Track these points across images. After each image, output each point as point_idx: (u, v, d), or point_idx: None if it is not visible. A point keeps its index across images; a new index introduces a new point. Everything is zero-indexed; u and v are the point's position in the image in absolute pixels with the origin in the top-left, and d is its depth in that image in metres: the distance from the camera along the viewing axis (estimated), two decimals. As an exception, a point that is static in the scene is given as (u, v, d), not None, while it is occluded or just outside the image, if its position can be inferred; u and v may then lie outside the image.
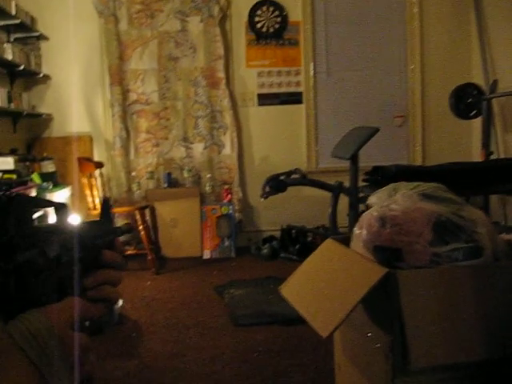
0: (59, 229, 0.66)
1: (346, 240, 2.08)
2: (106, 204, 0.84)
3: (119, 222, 5.14)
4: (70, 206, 0.70)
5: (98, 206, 4.48)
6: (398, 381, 1.72)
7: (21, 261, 0.55)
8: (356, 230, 1.89)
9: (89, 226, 0.73)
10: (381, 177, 3.77)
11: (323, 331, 1.65)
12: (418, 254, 1.72)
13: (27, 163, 4.55)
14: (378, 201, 1.86)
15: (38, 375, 0.53)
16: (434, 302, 1.67)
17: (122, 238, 5.14)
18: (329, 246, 2.11)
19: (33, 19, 5.12)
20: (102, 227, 0.78)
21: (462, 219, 1.76)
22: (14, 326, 0.53)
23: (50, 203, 0.70)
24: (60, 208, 0.70)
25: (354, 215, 3.83)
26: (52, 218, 0.69)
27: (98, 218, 0.82)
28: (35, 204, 0.64)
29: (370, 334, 1.85)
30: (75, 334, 0.59)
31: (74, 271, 0.65)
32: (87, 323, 0.66)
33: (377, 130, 3.74)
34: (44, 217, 4.01)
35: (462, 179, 3.60)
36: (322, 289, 1.86)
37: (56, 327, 0.56)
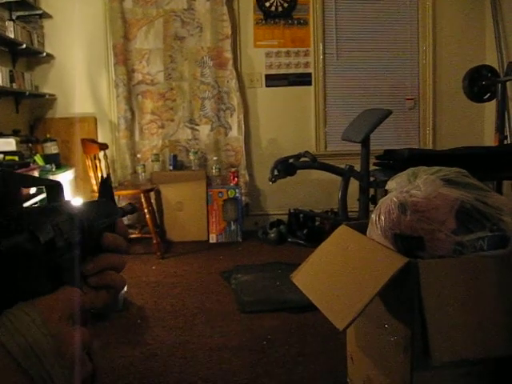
0: (53, 210, 0.56)
1: (360, 226, 1.99)
2: (106, 182, 0.74)
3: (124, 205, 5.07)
4: (63, 185, 0.58)
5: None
6: (417, 375, 1.65)
7: (6, 246, 0.46)
8: (373, 217, 1.80)
9: (88, 206, 0.63)
10: (393, 161, 3.69)
11: (340, 323, 1.57)
12: (440, 242, 1.63)
13: (30, 145, 4.46)
14: (398, 186, 1.76)
15: (27, 380, 0.45)
16: (456, 293, 1.59)
17: (125, 220, 5.08)
18: (343, 232, 2.02)
19: (36, -4, 5.00)
20: (102, 208, 0.68)
21: (486, 206, 1.67)
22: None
23: (42, 181, 0.60)
24: (53, 187, 0.60)
25: (365, 200, 3.74)
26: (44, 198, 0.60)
27: (98, 198, 0.73)
28: (24, 181, 0.54)
29: (386, 326, 1.77)
30: (73, 329, 0.51)
31: (71, 257, 0.56)
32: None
33: (389, 113, 3.64)
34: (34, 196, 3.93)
35: (476, 164, 3.50)
36: (338, 278, 1.78)
37: (49, 322, 0.48)
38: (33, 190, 3.33)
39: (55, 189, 0.60)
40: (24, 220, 0.50)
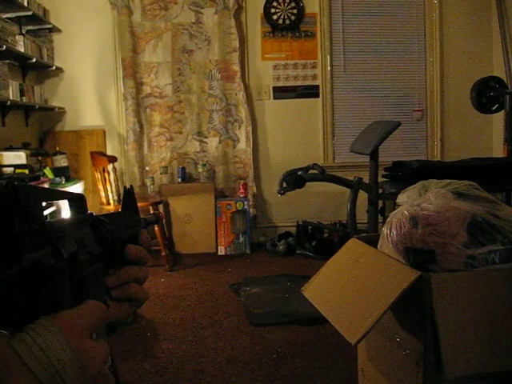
0: (75, 223, 0.56)
1: (371, 239, 1.99)
2: (130, 193, 0.75)
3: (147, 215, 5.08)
4: (85, 198, 0.58)
5: (112, 201, 4.41)
6: (430, 390, 1.63)
7: (28, 262, 0.45)
8: (385, 230, 1.79)
9: (111, 217, 0.63)
10: (401, 173, 3.68)
11: (351, 338, 1.56)
12: (452, 256, 1.62)
13: (39, 158, 4.49)
14: (409, 199, 1.76)
15: None
16: (469, 307, 1.58)
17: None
18: (354, 245, 2.02)
19: (45, 11, 5.05)
20: (125, 219, 0.68)
21: (498, 219, 1.66)
22: (19, 339, 0.44)
23: (64, 194, 0.60)
24: (75, 200, 0.60)
25: (374, 212, 3.73)
26: (66, 212, 0.60)
27: (121, 209, 0.73)
28: (46, 195, 0.53)
29: (398, 340, 1.76)
30: (96, 344, 0.50)
31: (94, 270, 0.56)
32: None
33: (398, 125, 3.64)
34: (57, 212, 3.95)
35: (485, 175, 3.50)
36: (349, 291, 1.77)
37: (70, 337, 0.47)
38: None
39: (78, 201, 0.60)
40: (46, 235, 0.49)
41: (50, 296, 0.48)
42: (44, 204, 0.50)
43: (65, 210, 3.82)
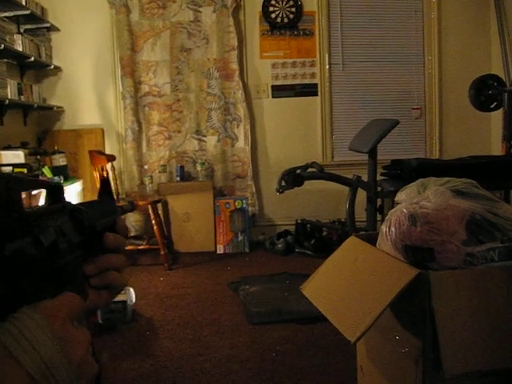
0: (53, 212, 0.57)
1: (370, 237, 1.99)
2: (106, 182, 0.76)
3: (123, 203, 5.08)
4: (63, 187, 0.58)
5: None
6: (429, 387, 1.64)
7: (10, 251, 0.45)
8: (383, 228, 1.80)
9: (88, 206, 0.64)
10: (400, 171, 3.68)
11: (351, 336, 1.56)
12: (450, 254, 1.63)
13: (38, 157, 4.48)
14: (407, 197, 1.76)
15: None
16: (468, 304, 1.58)
17: (132, 232, 5.08)
18: (353, 243, 2.02)
19: (43, 10, 5.04)
20: (102, 207, 0.69)
21: (497, 217, 1.67)
22: (3, 329, 0.44)
23: (43, 183, 0.61)
24: (53, 188, 0.60)
25: (373, 210, 3.74)
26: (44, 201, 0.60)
27: (98, 197, 0.73)
28: (24, 184, 0.54)
29: (397, 337, 1.76)
30: (78, 331, 0.50)
31: (73, 259, 0.56)
32: (100, 320, 0.59)
33: (396, 123, 3.64)
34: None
35: (483, 173, 3.50)
36: (348, 290, 1.77)
37: (53, 325, 0.47)
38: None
39: (55, 190, 0.60)
40: (26, 223, 0.50)
41: (31, 285, 0.48)
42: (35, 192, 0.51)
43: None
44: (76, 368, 0.48)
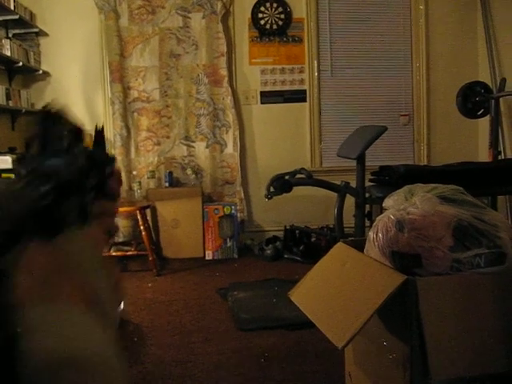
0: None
1: (358, 244, 1.99)
2: (101, 132, 0.79)
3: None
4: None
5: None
6: (416, 393, 1.64)
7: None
8: (371, 234, 1.80)
9: (92, 152, 0.69)
10: (388, 177, 3.70)
11: (338, 341, 1.57)
12: (437, 260, 1.64)
13: (26, 162, 4.44)
14: (395, 204, 1.77)
15: (88, 294, 0.55)
16: (454, 310, 1.59)
17: (121, 237, 5.07)
18: (340, 250, 2.03)
19: (32, 15, 5.02)
20: (101, 155, 0.74)
21: (483, 223, 1.68)
22: (68, 244, 0.54)
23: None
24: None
25: (361, 216, 3.75)
26: None
27: (92, 147, 0.76)
28: None
29: (385, 343, 1.77)
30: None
31: (92, 197, 0.62)
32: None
33: (384, 129, 3.66)
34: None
35: (471, 179, 3.53)
36: (336, 296, 1.78)
37: (95, 248, 0.58)
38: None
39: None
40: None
41: (73, 211, 0.58)
42: None
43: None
44: (101, 259, 0.58)
